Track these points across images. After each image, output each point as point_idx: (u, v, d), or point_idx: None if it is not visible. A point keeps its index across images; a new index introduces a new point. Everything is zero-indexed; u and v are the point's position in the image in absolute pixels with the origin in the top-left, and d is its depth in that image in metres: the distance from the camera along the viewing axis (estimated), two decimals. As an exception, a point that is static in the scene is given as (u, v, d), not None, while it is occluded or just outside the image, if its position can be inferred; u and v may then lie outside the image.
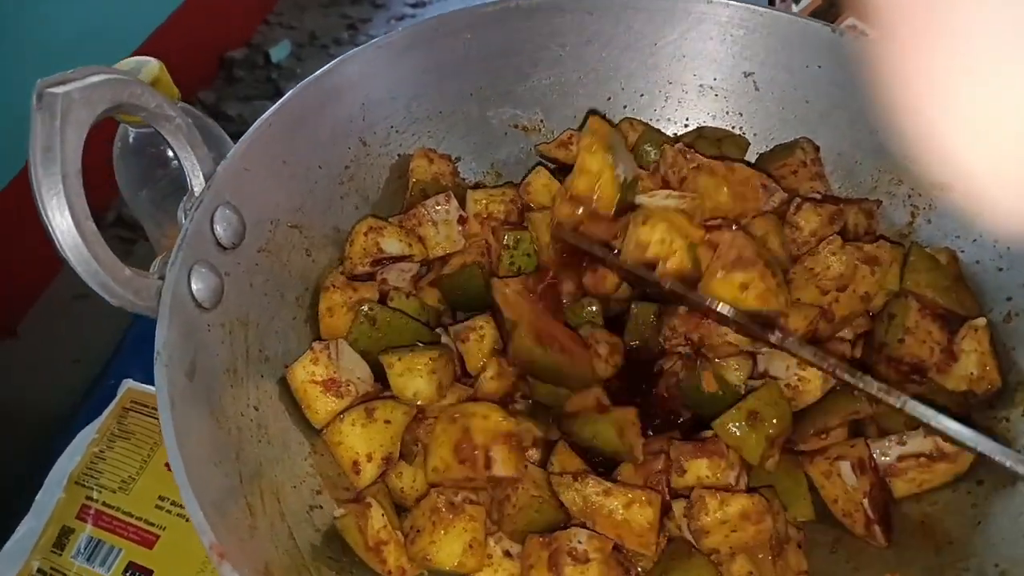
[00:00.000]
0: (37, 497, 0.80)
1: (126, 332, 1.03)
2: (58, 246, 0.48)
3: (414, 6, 3.13)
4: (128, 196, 0.88)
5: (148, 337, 1.01)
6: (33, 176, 0.47)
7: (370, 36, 3.02)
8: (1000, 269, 0.65)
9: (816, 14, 1.36)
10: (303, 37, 2.98)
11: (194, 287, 0.55)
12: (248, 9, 2.96)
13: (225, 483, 0.50)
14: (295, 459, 0.60)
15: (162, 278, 0.54)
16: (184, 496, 0.44)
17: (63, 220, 0.47)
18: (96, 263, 0.49)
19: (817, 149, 0.74)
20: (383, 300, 0.67)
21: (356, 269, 0.69)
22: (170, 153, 0.88)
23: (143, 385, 0.88)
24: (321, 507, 0.58)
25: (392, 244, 0.69)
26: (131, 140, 0.84)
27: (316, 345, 0.62)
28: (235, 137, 0.75)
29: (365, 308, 0.64)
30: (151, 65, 0.79)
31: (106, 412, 0.86)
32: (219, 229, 0.59)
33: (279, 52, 2.88)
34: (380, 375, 0.64)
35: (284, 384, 0.62)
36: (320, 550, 0.55)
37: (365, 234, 0.69)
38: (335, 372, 0.62)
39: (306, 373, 0.61)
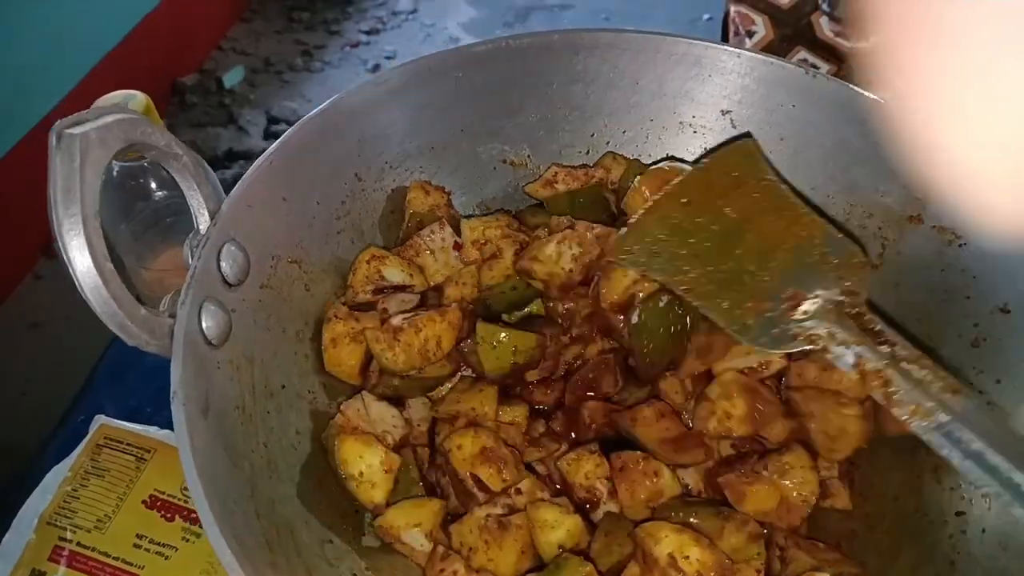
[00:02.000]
0: (4, 539, 0.77)
1: (96, 366, 1.00)
2: (79, 287, 0.48)
3: (368, 33, 3.15)
4: (109, 229, 0.87)
5: (120, 371, 1.00)
6: (54, 218, 0.47)
7: (324, 62, 3.02)
8: (967, 297, 0.70)
9: (768, 49, 1.43)
10: (257, 63, 2.96)
11: (204, 325, 0.55)
12: (201, 35, 2.93)
13: (243, 520, 0.50)
14: (299, 493, 0.60)
15: (172, 316, 0.54)
16: (211, 535, 0.45)
17: (83, 261, 0.48)
18: (115, 304, 0.49)
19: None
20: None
21: (358, 298, 0.70)
22: (152, 186, 0.88)
23: (117, 421, 0.86)
24: (332, 541, 0.59)
25: (394, 273, 0.71)
26: (114, 174, 0.83)
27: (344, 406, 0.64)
28: None
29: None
30: (138, 99, 0.79)
31: (78, 449, 0.84)
32: (225, 266, 0.59)
33: (232, 78, 2.86)
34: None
35: (289, 420, 0.63)
36: (336, 585, 0.56)
37: (368, 262, 0.71)
38: (368, 426, 0.63)
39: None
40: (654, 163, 0.82)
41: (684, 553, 0.58)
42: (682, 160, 0.81)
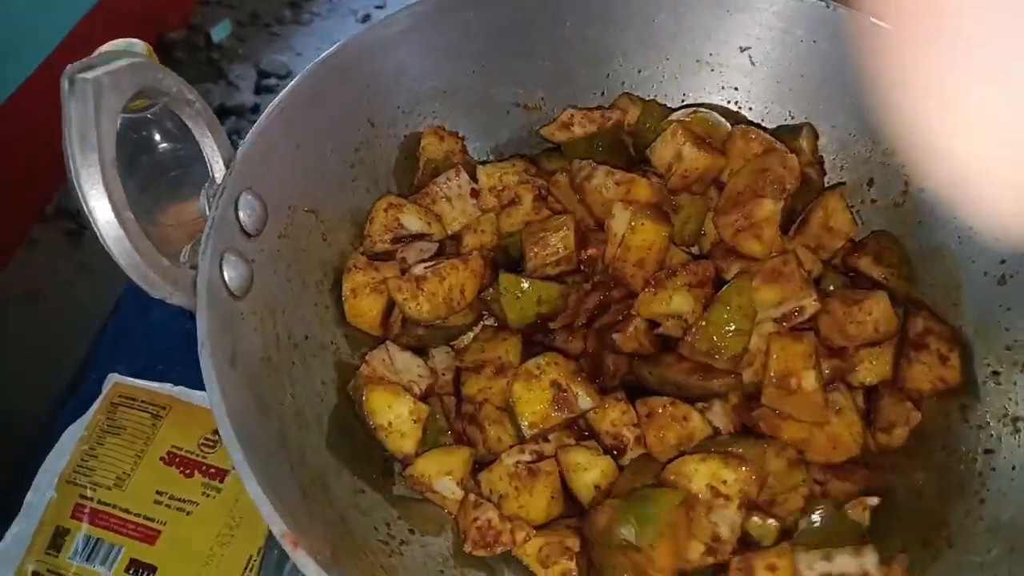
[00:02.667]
0: (26, 499, 0.77)
1: (104, 327, 0.99)
2: (100, 237, 0.46)
3: (358, -17, 3.06)
4: (113, 185, 0.85)
5: (127, 332, 0.99)
6: (72, 167, 0.45)
7: (313, 14, 2.95)
8: (997, 238, 0.69)
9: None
10: (244, 16, 2.89)
11: (226, 275, 0.54)
12: (186, -13, 2.85)
13: (280, 471, 0.49)
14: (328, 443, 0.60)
15: (193, 267, 0.53)
16: (250, 488, 0.44)
17: (104, 211, 0.46)
18: (138, 255, 0.47)
19: (817, 137, 0.77)
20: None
21: (376, 247, 0.69)
22: (156, 139, 0.86)
23: (131, 379, 0.86)
24: (364, 491, 0.58)
25: (412, 221, 0.69)
26: (117, 127, 0.81)
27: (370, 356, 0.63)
28: None
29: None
30: (139, 46, 0.76)
31: (93, 408, 0.84)
32: (243, 215, 0.58)
33: (220, 32, 2.79)
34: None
35: (315, 371, 0.62)
36: (370, 533, 0.56)
37: (385, 211, 0.69)
38: (394, 376, 0.62)
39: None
40: (676, 108, 0.81)
41: (720, 479, 0.57)
42: (707, 106, 0.79)
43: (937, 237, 0.73)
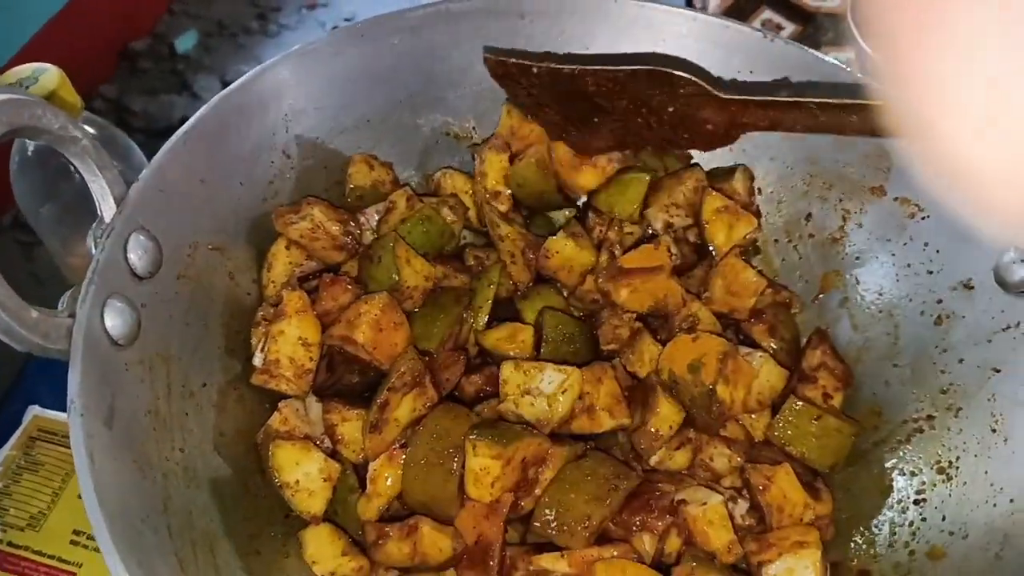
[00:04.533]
0: (-70, 540, 0.74)
1: (29, 354, 0.95)
2: (-50, 290, 0.43)
3: (327, -7, 3.03)
4: (28, 212, 0.82)
5: (54, 360, 0.95)
6: (-82, 215, 0.42)
7: (281, 25, 2.91)
8: (930, 272, 0.67)
9: (732, 9, 1.39)
10: (210, 27, 2.85)
11: (108, 324, 0.51)
12: (149, -4, 2.81)
13: (153, 540, 0.46)
14: (225, 503, 0.56)
15: (72, 316, 0.50)
16: (110, 561, 0.41)
17: (-45, 262, 0.43)
18: (-2, 308, 0.44)
19: (752, 178, 0.75)
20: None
21: (281, 292, 0.65)
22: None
23: (51, 412, 0.82)
24: (259, 552, 0.55)
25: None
26: (30, 153, 0.77)
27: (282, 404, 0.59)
28: (143, 134, 0.71)
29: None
30: (49, 73, 0.73)
31: (10, 442, 0.80)
32: (133, 257, 0.54)
33: (185, 42, 2.75)
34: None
35: (211, 421, 0.59)
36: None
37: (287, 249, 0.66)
38: (307, 428, 0.59)
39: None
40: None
41: None
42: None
43: (875, 274, 0.71)
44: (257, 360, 0.60)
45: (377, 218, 0.68)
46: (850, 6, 1.19)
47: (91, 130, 0.68)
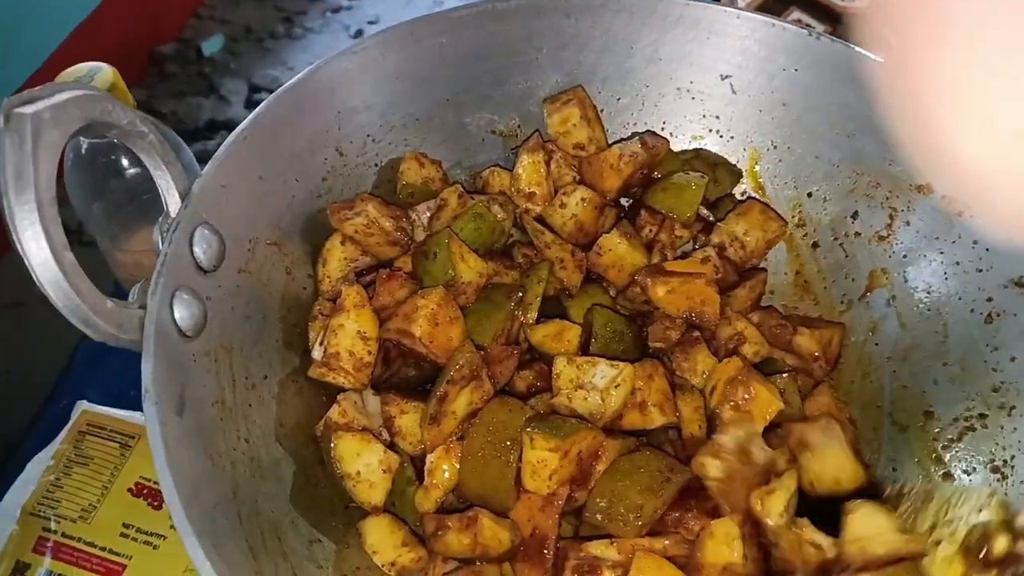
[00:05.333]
0: (-14, 530, 0.75)
1: (76, 349, 0.97)
2: (36, 279, 0.44)
3: (350, -3, 3.06)
4: (80, 209, 0.83)
5: (100, 355, 0.96)
6: (6, 205, 0.43)
7: (306, 28, 2.94)
8: (980, 270, 0.67)
9: (761, 9, 1.39)
10: (236, 30, 2.88)
11: (177, 315, 0.52)
12: (178, 2, 2.84)
13: (225, 525, 0.47)
14: (289, 492, 0.57)
15: (143, 307, 0.51)
16: (189, 546, 0.42)
17: (40, 252, 0.44)
18: (77, 297, 0.45)
19: None
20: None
21: (337, 287, 0.66)
22: (124, 162, 0.83)
23: (99, 407, 0.83)
24: (320, 541, 0.56)
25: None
26: (83, 151, 0.79)
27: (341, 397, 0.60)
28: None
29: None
30: (104, 72, 0.75)
31: (60, 437, 0.81)
32: (199, 251, 0.55)
33: (212, 46, 2.78)
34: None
35: (273, 413, 0.60)
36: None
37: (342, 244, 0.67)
38: (365, 420, 0.59)
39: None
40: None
41: None
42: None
43: (923, 272, 0.71)
44: (316, 353, 0.61)
45: (428, 215, 0.69)
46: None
47: (147, 128, 0.69)
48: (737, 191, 0.80)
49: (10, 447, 0.86)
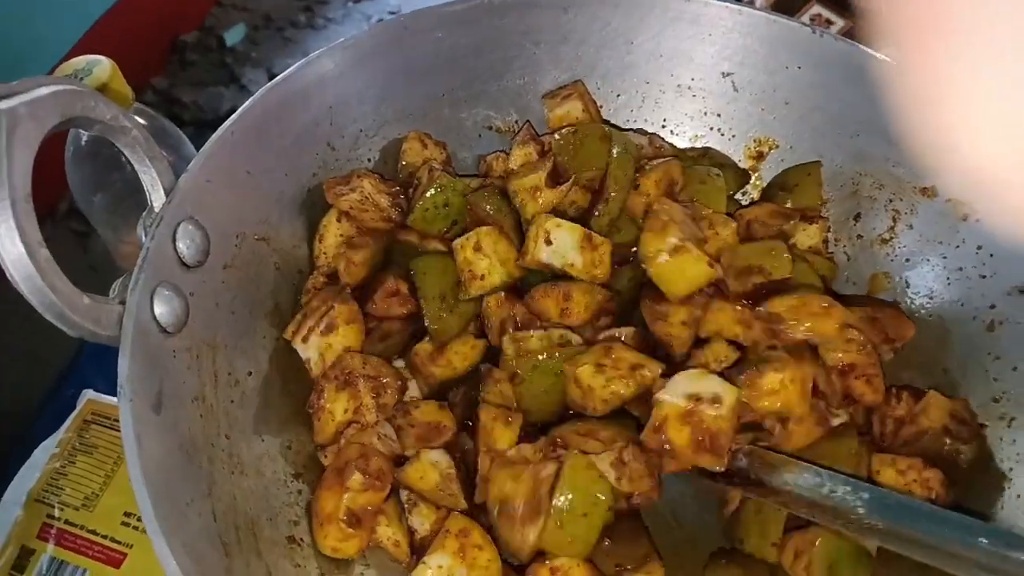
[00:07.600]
0: (-7, 515, 0.76)
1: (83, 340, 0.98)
2: (10, 276, 0.44)
3: (373, -13, 3.05)
4: (81, 201, 0.84)
5: (107, 345, 0.97)
6: (-22, 202, 0.43)
7: (327, 19, 2.94)
8: (983, 276, 0.65)
9: (781, 3, 1.36)
10: (258, 20, 2.89)
11: (157, 311, 0.52)
12: (199, -10, 2.86)
13: (198, 523, 0.47)
14: (270, 488, 0.57)
15: (123, 303, 0.51)
16: (156, 543, 0.42)
17: (14, 248, 0.44)
18: (52, 294, 0.45)
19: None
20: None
21: (332, 263, 0.67)
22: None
23: (105, 396, 0.84)
24: (301, 540, 0.56)
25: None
26: (83, 143, 0.79)
27: None
28: (192, 125, 0.73)
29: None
30: (103, 65, 0.74)
31: (66, 425, 0.82)
32: (182, 247, 0.55)
33: (233, 35, 2.79)
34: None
35: (255, 408, 0.60)
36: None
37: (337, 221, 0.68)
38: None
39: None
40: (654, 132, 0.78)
41: None
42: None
43: (925, 277, 0.69)
44: (298, 342, 0.62)
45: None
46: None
47: (142, 121, 0.69)
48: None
49: (19, 434, 0.87)
